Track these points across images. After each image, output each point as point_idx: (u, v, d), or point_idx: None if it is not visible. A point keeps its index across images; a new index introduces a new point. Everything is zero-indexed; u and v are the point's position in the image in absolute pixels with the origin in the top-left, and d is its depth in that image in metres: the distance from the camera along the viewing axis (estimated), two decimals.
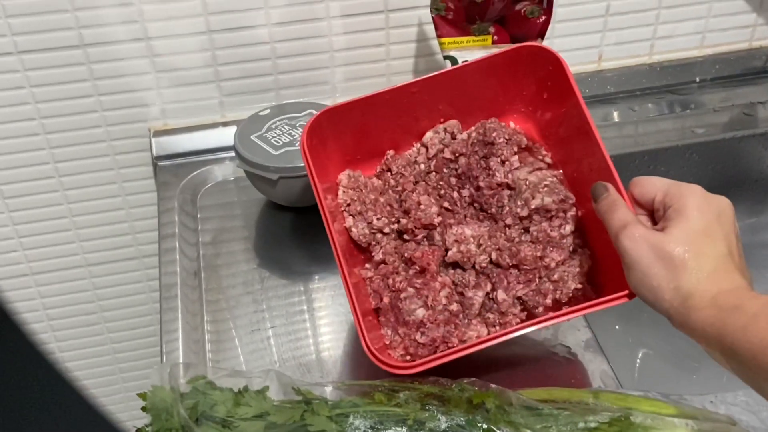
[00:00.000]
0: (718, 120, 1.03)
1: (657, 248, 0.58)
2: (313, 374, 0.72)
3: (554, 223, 0.69)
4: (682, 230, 0.58)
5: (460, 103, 0.74)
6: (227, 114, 1.00)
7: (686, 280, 0.56)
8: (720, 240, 0.58)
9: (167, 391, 0.61)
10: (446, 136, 0.74)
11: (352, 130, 0.73)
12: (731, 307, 0.54)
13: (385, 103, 0.72)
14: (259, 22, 0.93)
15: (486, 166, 0.72)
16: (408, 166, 0.74)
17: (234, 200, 0.92)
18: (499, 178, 0.71)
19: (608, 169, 0.65)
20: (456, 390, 0.62)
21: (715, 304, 0.55)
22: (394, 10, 0.96)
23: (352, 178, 0.73)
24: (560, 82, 0.70)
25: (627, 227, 0.60)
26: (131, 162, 1.01)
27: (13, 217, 1.01)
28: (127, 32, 0.90)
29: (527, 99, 0.75)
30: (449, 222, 0.71)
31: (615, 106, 1.06)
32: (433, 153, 0.74)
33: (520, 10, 0.85)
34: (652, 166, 0.99)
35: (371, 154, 0.75)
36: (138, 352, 1.20)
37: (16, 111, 0.93)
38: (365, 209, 0.72)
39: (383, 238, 0.72)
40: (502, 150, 0.71)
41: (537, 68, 0.72)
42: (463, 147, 0.73)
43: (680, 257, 0.57)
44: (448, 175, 0.74)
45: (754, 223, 1.04)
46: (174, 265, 0.83)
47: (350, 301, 0.65)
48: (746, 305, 0.53)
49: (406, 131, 0.75)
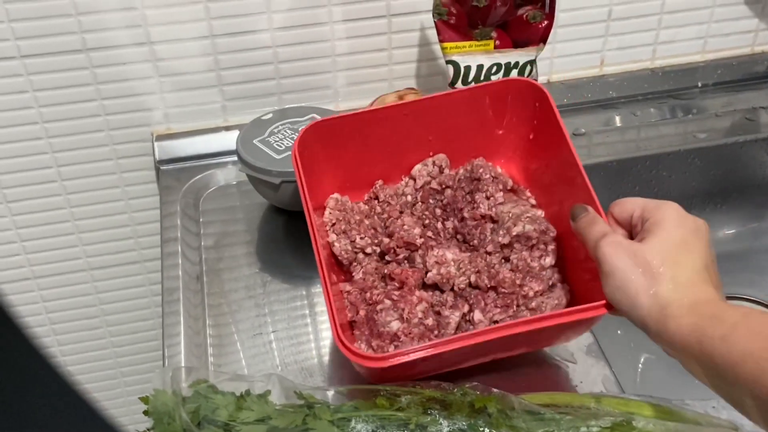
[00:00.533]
0: (720, 125, 1.03)
1: (636, 256, 0.58)
2: (315, 378, 0.72)
3: (535, 254, 0.70)
4: (660, 240, 0.58)
5: (449, 135, 0.75)
6: (230, 118, 1.00)
7: (664, 288, 0.56)
8: (697, 253, 0.58)
9: (169, 394, 0.61)
10: (434, 169, 0.76)
11: (343, 147, 0.74)
12: (710, 316, 0.53)
13: (378, 123, 0.73)
14: (261, 26, 0.93)
15: (471, 199, 0.73)
16: (395, 195, 0.76)
17: (236, 204, 0.93)
18: (483, 210, 0.72)
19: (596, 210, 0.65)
20: (458, 394, 0.62)
21: (694, 313, 0.54)
22: (396, 15, 0.96)
23: (339, 202, 0.74)
24: (547, 121, 0.72)
25: (606, 236, 0.60)
26: (134, 166, 1.01)
27: (16, 221, 1.02)
28: (130, 36, 0.91)
29: (514, 142, 0.76)
30: (431, 244, 0.72)
31: (617, 111, 1.06)
32: (420, 185, 0.76)
33: (523, 15, 0.85)
34: (654, 171, 0.99)
35: (361, 183, 0.76)
36: (140, 356, 1.20)
37: (20, 115, 0.93)
38: (349, 228, 0.73)
39: (365, 258, 0.73)
40: (487, 186, 0.73)
41: (525, 104, 0.73)
42: (450, 180, 0.75)
43: (658, 265, 0.57)
44: (433, 206, 0.75)
45: (755, 228, 1.04)
46: (176, 269, 0.83)
47: (323, 283, 0.64)
48: (725, 315, 0.53)
49: (396, 164, 0.76)
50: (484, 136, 0.76)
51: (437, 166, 0.76)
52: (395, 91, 0.92)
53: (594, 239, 0.61)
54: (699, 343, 0.53)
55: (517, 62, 0.86)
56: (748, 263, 1.01)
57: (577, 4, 1.00)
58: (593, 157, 0.98)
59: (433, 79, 1.02)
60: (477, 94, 0.74)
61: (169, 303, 0.80)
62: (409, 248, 0.72)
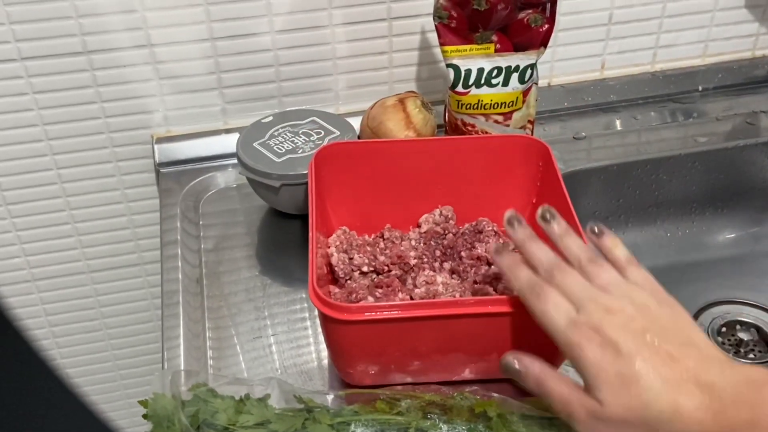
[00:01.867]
0: (721, 129, 1.03)
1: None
2: (314, 382, 0.71)
3: None
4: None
5: (458, 184, 0.79)
6: (230, 121, 1.00)
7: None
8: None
9: (168, 398, 0.61)
10: (440, 219, 0.79)
11: (356, 174, 0.78)
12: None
13: (393, 154, 0.77)
14: (262, 29, 0.93)
15: (471, 246, 0.76)
16: (400, 237, 0.78)
17: (236, 207, 0.92)
18: (480, 252, 0.75)
19: None
20: (458, 398, 0.62)
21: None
22: (397, 18, 0.96)
23: (347, 233, 0.77)
24: (550, 181, 0.74)
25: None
26: (134, 169, 1.01)
27: (16, 223, 1.01)
28: (131, 39, 0.91)
29: (517, 206, 0.78)
30: (423, 266, 0.75)
31: (617, 115, 1.06)
32: (425, 230, 0.78)
33: (523, 19, 0.85)
34: (655, 175, 0.99)
35: (370, 225, 0.80)
36: (139, 359, 1.20)
37: (19, 117, 0.93)
38: (350, 249, 0.76)
39: (360, 276, 0.74)
40: (488, 237, 0.76)
41: (529, 161, 0.77)
42: (454, 228, 0.78)
43: None
44: (434, 247, 0.77)
45: (756, 232, 1.04)
46: (176, 271, 0.83)
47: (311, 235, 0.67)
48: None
49: (406, 216, 0.80)
50: (490, 191, 0.79)
51: (443, 216, 0.79)
52: (395, 95, 0.92)
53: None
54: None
55: (518, 66, 0.86)
56: (749, 267, 1.01)
57: (577, 7, 1.00)
58: (593, 160, 0.98)
59: (433, 83, 1.02)
60: (484, 144, 0.79)
61: (169, 306, 0.79)
62: (402, 267, 0.74)
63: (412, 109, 0.89)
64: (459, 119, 0.89)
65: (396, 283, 0.72)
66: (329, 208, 0.78)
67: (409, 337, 0.63)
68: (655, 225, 1.03)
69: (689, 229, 1.03)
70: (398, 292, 0.71)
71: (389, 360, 0.65)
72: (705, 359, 0.51)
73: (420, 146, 0.79)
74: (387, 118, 0.89)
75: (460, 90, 0.87)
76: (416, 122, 0.89)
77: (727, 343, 0.92)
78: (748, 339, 0.92)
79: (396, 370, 0.66)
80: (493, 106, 0.87)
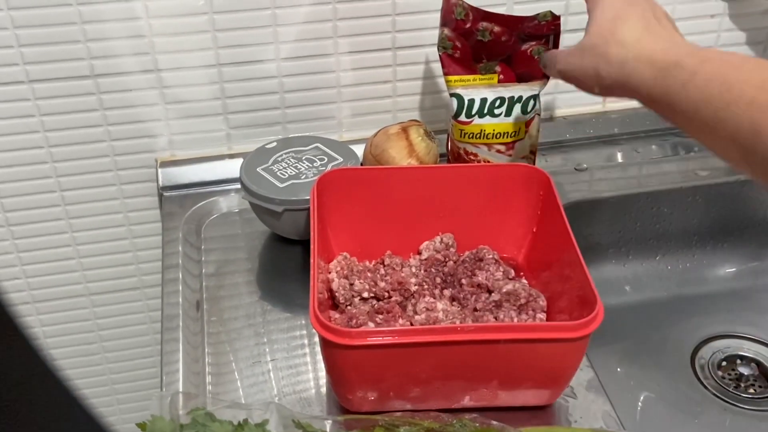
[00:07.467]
0: (722, 163, 1.03)
1: (582, 48, 0.63)
2: (313, 408, 0.71)
3: (522, 316, 0.72)
4: (601, 13, 0.63)
5: (459, 212, 0.80)
6: (234, 146, 1.01)
7: (616, 53, 0.60)
8: (640, 7, 0.62)
9: (167, 421, 0.60)
10: (441, 246, 0.79)
11: (358, 200, 0.78)
12: (670, 65, 0.57)
13: (395, 181, 0.78)
14: (268, 56, 0.94)
15: (471, 274, 0.76)
16: (401, 263, 0.79)
17: (238, 232, 0.93)
18: (480, 280, 0.75)
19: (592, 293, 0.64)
20: (457, 425, 0.62)
21: (652, 66, 0.58)
22: (401, 48, 0.97)
23: (347, 259, 0.78)
24: (551, 210, 0.75)
25: (555, 57, 0.69)
26: (137, 192, 1.01)
27: (18, 245, 1.02)
28: (138, 64, 0.92)
29: (518, 231, 0.80)
30: (424, 293, 0.75)
31: (619, 147, 1.06)
32: (426, 257, 0.79)
33: (526, 50, 0.86)
34: (655, 208, 0.99)
35: (371, 251, 0.80)
36: (138, 383, 1.19)
37: (26, 138, 0.94)
38: (351, 274, 0.76)
39: (360, 303, 0.75)
40: (489, 265, 0.76)
41: (530, 190, 0.78)
42: (454, 257, 0.79)
43: (605, 36, 0.61)
44: (434, 274, 0.77)
45: (756, 267, 1.04)
46: (176, 296, 0.83)
47: (312, 259, 0.67)
48: (684, 62, 0.56)
49: (407, 243, 0.80)
50: (491, 219, 0.80)
51: (444, 243, 0.79)
52: (399, 123, 0.93)
53: (552, 69, 0.70)
54: (663, 93, 0.57)
55: (521, 96, 0.86)
56: (749, 302, 1.01)
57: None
58: (594, 192, 0.98)
59: (437, 112, 1.02)
60: (487, 171, 0.80)
61: (169, 330, 0.79)
62: (402, 294, 0.74)
63: (415, 137, 0.90)
64: (462, 148, 0.89)
65: (396, 309, 0.72)
66: (330, 233, 0.79)
67: (409, 363, 0.62)
68: (656, 257, 1.03)
69: (690, 263, 1.03)
70: (398, 318, 0.71)
71: (389, 386, 0.64)
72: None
73: (421, 173, 0.80)
74: (390, 146, 0.89)
75: (463, 119, 0.88)
76: (419, 150, 0.89)
77: (727, 378, 0.91)
78: (748, 374, 0.91)
79: (395, 397, 0.65)
80: (495, 135, 0.88)
